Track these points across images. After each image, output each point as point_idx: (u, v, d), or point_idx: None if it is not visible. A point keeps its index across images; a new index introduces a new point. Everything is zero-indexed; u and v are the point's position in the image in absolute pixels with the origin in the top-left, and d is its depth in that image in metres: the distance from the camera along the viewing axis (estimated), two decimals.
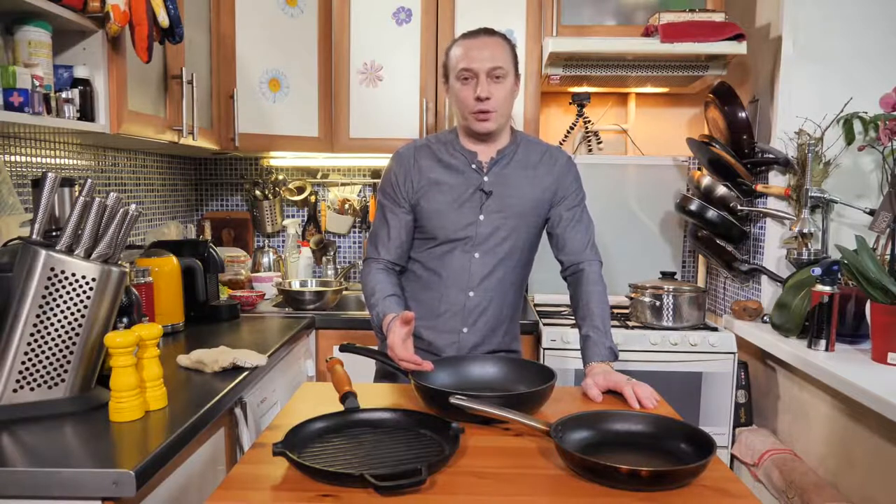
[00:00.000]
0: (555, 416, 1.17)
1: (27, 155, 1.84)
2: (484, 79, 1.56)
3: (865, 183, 2.24)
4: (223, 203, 3.07)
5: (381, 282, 1.64)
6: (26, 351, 1.27)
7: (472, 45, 1.58)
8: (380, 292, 1.61)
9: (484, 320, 1.68)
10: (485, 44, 1.58)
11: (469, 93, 1.58)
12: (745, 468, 2.23)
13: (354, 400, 1.24)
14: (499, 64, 1.57)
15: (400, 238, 1.68)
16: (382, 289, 1.62)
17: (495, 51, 1.58)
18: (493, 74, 1.57)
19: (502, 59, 1.58)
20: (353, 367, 1.58)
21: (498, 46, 1.59)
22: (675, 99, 2.95)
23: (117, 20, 1.58)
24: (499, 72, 1.57)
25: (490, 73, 1.56)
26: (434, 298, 1.67)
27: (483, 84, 1.56)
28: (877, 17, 2.21)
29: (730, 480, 1.03)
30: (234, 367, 1.64)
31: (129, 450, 1.15)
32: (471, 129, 1.63)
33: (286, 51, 2.57)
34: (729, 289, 2.66)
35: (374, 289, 1.62)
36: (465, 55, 1.58)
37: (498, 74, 1.57)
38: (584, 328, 1.58)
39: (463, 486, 1.00)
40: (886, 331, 1.80)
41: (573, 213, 1.69)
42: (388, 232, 1.68)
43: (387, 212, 1.69)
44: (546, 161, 1.69)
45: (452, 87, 1.63)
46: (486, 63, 1.56)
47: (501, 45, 1.60)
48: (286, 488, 0.99)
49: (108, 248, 1.33)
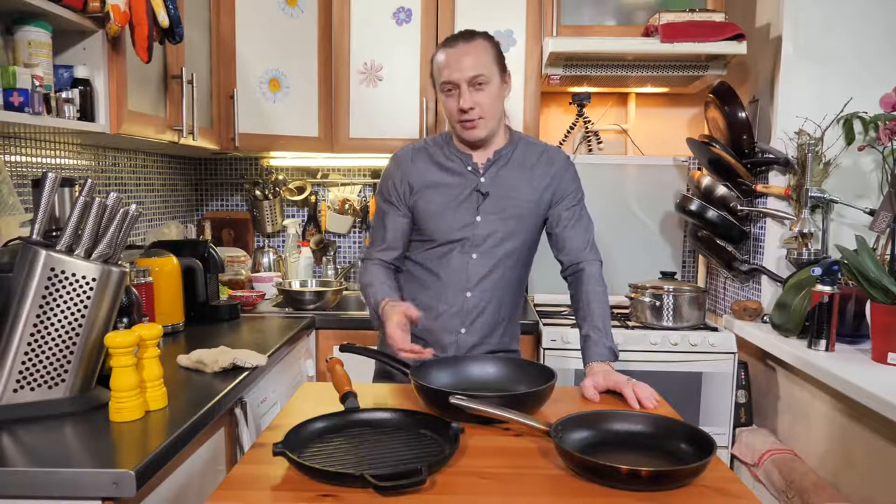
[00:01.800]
0: (555, 416, 1.17)
1: (27, 155, 1.84)
2: (466, 89, 1.55)
3: (865, 183, 2.24)
4: (223, 203, 3.07)
5: (377, 275, 1.68)
6: (26, 351, 1.27)
7: (450, 55, 1.57)
8: (377, 283, 1.65)
9: (482, 321, 1.68)
10: (464, 52, 1.56)
11: (453, 104, 1.58)
12: (745, 468, 2.23)
13: (354, 400, 1.24)
14: (479, 72, 1.54)
15: (397, 239, 1.70)
16: (379, 280, 1.66)
17: (476, 57, 1.55)
18: (475, 83, 1.55)
19: (483, 64, 1.55)
20: (353, 367, 1.58)
21: (477, 51, 1.56)
22: (675, 99, 2.95)
23: (117, 20, 1.58)
24: (480, 79, 1.55)
25: (472, 82, 1.55)
26: (432, 299, 1.68)
27: (465, 95, 1.55)
28: (877, 17, 2.21)
29: (730, 480, 1.03)
30: (234, 367, 1.64)
31: (129, 450, 1.15)
32: (461, 137, 1.64)
33: (286, 51, 2.57)
34: (729, 289, 2.66)
35: (370, 281, 1.66)
36: (446, 66, 1.57)
37: (480, 82, 1.55)
38: (584, 328, 1.58)
39: (463, 486, 1.00)
40: (886, 331, 1.80)
41: (572, 212, 1.68)
42: (386, 234, 1.71)
43: (384, 213, 1.71)
44: (544, 161, 1.69)
45: (441, 98, 1.63)
46: (466, 72, 1.54)
47: (481, 49, 1.57)
48: (286, 488, 0.99)
49: (108, 248, 1.33)
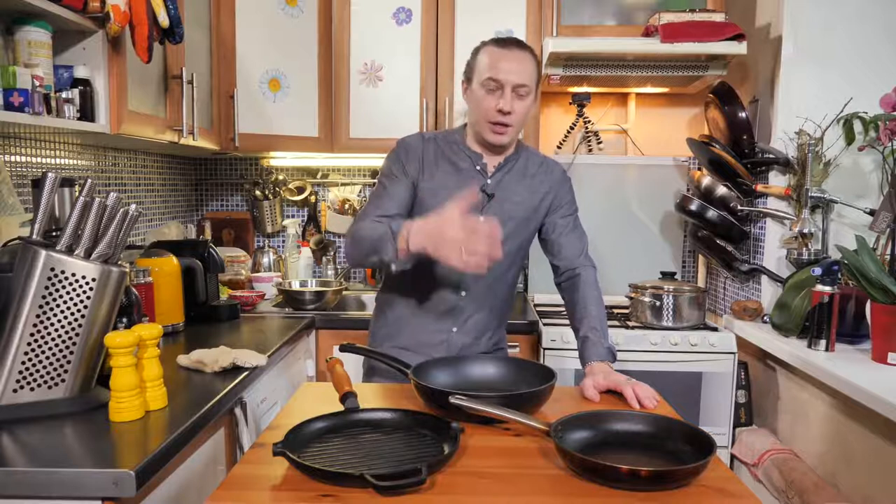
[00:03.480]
0: (555, 416, 1.17)
1: (27, 155, 1.84)
2: (509, 92, 1.55)
3: (865, 183, 2.24)
4: (223, 203, 3.07)
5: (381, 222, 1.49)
6: (26, 351, 1.27)
7: (502, 55, 1.56)
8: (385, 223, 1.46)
9: (474, 321, 1.68)
10: (516, 57, 1.56)
11: (492, 102, 1.56)
12: (745, 468, 2.23)
13: (354, 400, 1.24)
14: (525, 82, 1.55)
15: (400, 206, 1.58)
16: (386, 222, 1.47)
17: (524, 66, 1.56)
18: (519, 90, 1.56)
19: (529, 76, 1.56)
20: (353, 367, 1.58)
21: (527, 62, 1.57)
22: (675, 99, 2.95)
23: (117, 20, 1.58)
24: (524, 90, 1.56)
25: (515, 88, 1.55)
26: (424, 296, 1.67)
27: (507, 98, 1.55)
28: (877, 17, 2.21)
29: (730, 480, 1.03)
30: (234, 367, 1.64)
31: (129, 450, 1.15)
32: (483, 138, 1.62)
33: (286, 51, 2.57)
34: (729, 289, 2.66)
35: (374, 227, 1.48)
36: (495, 65, 1.55)
37: (522, 93, 1.56)
38: (582, 329, 1.58)
39: (463, 486, 1.00)
40: (886, 331, 1.80)
41: (567, 220, 1.71)
42: (386, 199, 1.58)
43: (387, 183, 1.61)
44: (543, 170, 1.71)
45: (475, 93, 1.60)
46: (513, 77, 1.54)
47: (530, 62, 1.58)
48: (286, 488, 0.99)
49: (108, 248, 1.33)
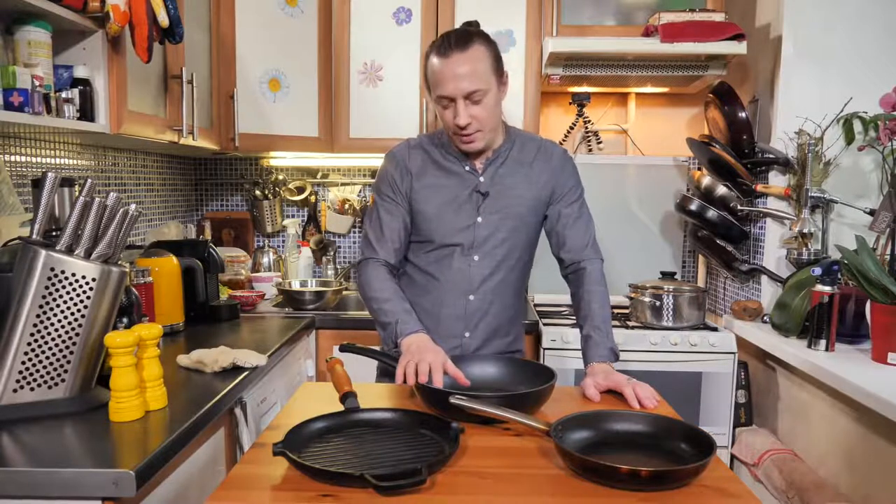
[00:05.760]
0: (555, 416, 1.17)
1: (27, 155, 1.84)
2: (462, 105, 1.49)
3: (865, 183, 2.24)
4: (223, 203, 3.07)
5: (389, 289, 1.57)
6: (26, 351, 1.27)
7: (444, 67, 1.48)
8: (395, 301, 1.54)
9: (486, 323, 1.66)
10: (459, 62, 1.47)
11: (449, 117, 1.53)
12: (745, 468, 2.23)
13: (354, 400, 1.24)
14: (476, 86, 1.48)
15: (399, 236, 1.63)
16: (395, 296, 1.55)
17: (472, 68, 1.47)
18: (473, 98, 1.49)
19: (479, 76, 1.48)
20: (353, 367, 1.58)
21: (475, 61, 1.48)
22: (675, 99, 2.95)
23: (117, 20, 1.58)
24: (478, 94, 1.49)
25: (468, 96, 1.48)
26: (434, 303, 1.65)
27: (461, 112, 1.49)
28: (877, 17, 2.21)
29: (730, 480, 1.03)
30: (234, 367, 1.64)
31: (129, 450, 1.15)
32: (459, 148, 1.60)
33: (286, 51, 2.57)
34: (729, 289, 2.66)
35: (382, 290, 1.55)
36: (439, 82, 1.49)
37: (477, 98, 1.49)
38: (585, 328, 1.57)
39: (463, 486, 1.00)
40: (886, 331, 1.80)
41: (572, 209, 1.66)
42: (385, 230, 1.63)
43: (383, 210, 1.64)
44: (541, 157, 1.66)
45: (435, 105, 1.57)
46: (463, 86, 1.47)
47: (477, 58, 1.48)
48: (286, 488, 0.99)
49: (108, 248, 1.33)
